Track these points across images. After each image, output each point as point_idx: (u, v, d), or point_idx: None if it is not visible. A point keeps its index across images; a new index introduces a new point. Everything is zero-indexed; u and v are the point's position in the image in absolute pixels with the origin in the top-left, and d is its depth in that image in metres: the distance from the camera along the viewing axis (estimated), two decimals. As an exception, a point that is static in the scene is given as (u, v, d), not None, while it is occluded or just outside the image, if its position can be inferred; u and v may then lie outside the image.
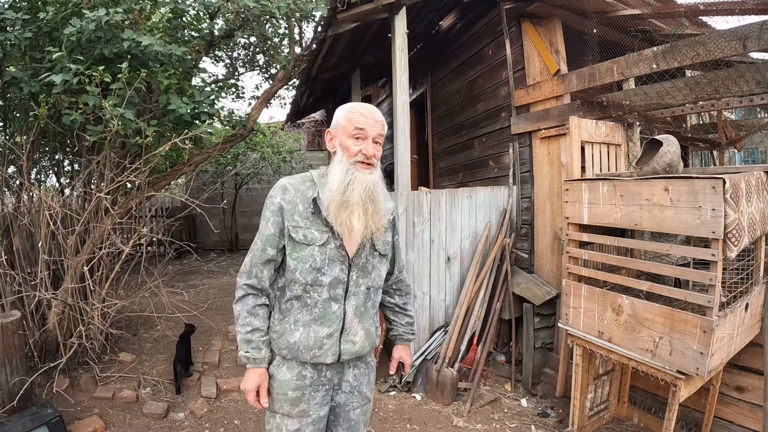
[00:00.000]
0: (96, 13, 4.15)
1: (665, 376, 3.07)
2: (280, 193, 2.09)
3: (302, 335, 2.09)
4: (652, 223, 3.12)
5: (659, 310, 3.09)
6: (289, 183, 2.11)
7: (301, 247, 2.05)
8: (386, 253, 2.28)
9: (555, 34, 5.22)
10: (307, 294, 2.09)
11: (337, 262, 2.08)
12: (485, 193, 5.49)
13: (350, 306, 2.13)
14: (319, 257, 2.05)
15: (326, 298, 2.09)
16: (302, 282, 2.06)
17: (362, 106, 2.09)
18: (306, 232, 2.05)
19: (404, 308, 2.57)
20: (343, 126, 2.06)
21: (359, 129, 2.02)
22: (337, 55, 6.65)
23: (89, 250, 4.86)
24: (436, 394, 4.78)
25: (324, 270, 2.06)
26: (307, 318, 2.09)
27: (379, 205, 2.06)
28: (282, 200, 2.07)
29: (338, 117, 2.11)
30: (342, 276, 2.10)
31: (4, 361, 3.99)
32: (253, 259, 2.11)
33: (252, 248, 2.14)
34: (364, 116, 2.04)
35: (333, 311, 2.10)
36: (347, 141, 2.04)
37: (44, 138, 5.35)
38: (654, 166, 3.29)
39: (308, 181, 2.14)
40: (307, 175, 2.20)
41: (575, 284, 3.68)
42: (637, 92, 4.35)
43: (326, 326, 2.09)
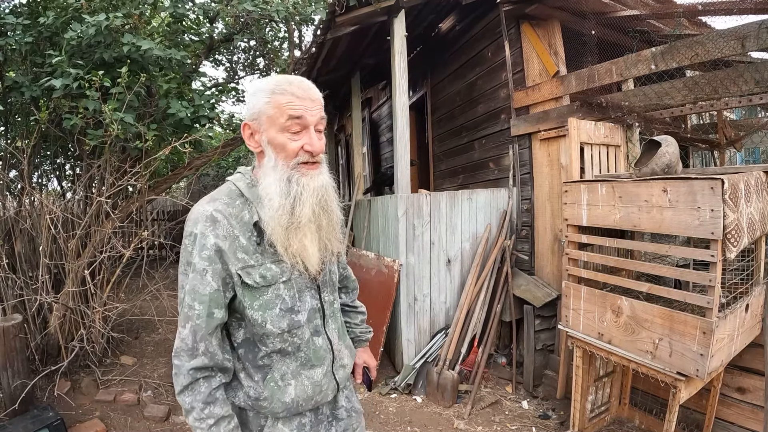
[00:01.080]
0: (96, 18, 4.18)
1: (665, 378, 3.05)
2: (210, 229, 1.50)
3: (297, 389, 1.68)
4: (651, 224, 3.10)
5: (659, 312, 3.07)
6: (215, 210, 1.53)
7: (261, 291, 1.57)
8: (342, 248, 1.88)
9: (554, 36, 5.22)
10: (286, 343, 1.64)
11: (306, 290, 1.68)
12: (485, 195, 5.49)
13: (332, 332, 1.79)
14: (287, 295, 1.62)
15: (308, 337, 1.69)
16: (277, 333, 1.61)
17: (292, 83, 1.53)
18: (262, 271, 1.56)
19: (354, 306, 2.22)
20: (271, 115, 1.52)
21: (296, 118, 1.51)
22: (337, 57, 6.66)
23: (90, 254, 4.89)
24: (436, 396, 4.77)
25: (297, 307, 1.65)
26: (295, 366, 1.67)
27: (333, 216, 1.66)
28: (216, 239, 1.50)
29: (259, 102, 1.54)
30: (315, 303, 1.72)
31: (5, 364, 4.02)
32: (195, 330, 1.51)
33: (187, 315, 1.52)
34: (298, 97, 1.51)
35: (319, 346, 1.73)
36: (280, 137, 1.53)
37: (45, 142, 5.39)
38: (653, 167, 3.29)
39: (238, 199, 1.60)
40: (231, 189, 1.63)
41: (575, 286, 3.67)
42: (636, 93, 4.34)
43: (318, 366, 1.72)
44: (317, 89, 1.61)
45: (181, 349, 1.52)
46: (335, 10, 4.93)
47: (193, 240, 1.50)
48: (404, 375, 4.98)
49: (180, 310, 1.55)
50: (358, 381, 2.26)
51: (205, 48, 6.07)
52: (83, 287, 4.83)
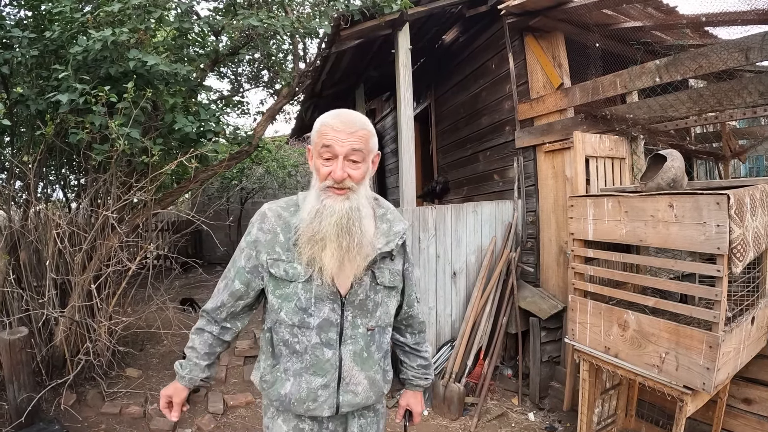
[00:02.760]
0: (102, 33, 4.19)
1: (672, 392, 3.05)
2: (258, 222, 1.85)
3: (293, 386, 1.81)
4: (657, 239, 3.11)
5: (665, 326, 3.07)
6: (269, 209, 1.86)
7: (284, 283, 1.78)
8: (394, 285, 1.92)
9: (558, 48, 5.24)
10: (295, 338, 1.80)
11: (326, 301, 1.77)
12: (490, 208, 5.50)
13: (347, 352, 1.82)
14: (304, 296, 1.76)
15: (316, 343, 1.78)
16: (288, 323, 1.79)
17: (336, 116, 1.73)
18: (287, 267, 1.77)
19: (416, 348, 2.19)
20: (315, 143, 1.74)
21: (326, 147, 1.68)
22: (341, 70, 6.69)
23: (96, 267, 4.89)
24: (443, 409, 4.77)
25: (311, 310, 1.77)
26: (298, 366, 1.81)
27: (356, 239, 1.71)
28: (259, 231, 1.83)
29: (313, 131, 1.79)
30: (334, 317, 1.79)
31: (11, 377, 4.04)
32: (224, 287, 1.90)
33: (225, 275, 1.93)
34: (334, 129, 1.68)
35: (326, 359, 1.79)
36: (317, 162, 1.72)
37: (51, 155, 5.39)
38: (658, 182, 3.30)
39: (293, 206, 1.86)
40: (293, 198, 1.91)
41: (581, 300, 3.67)
42: (640, 105, 4.34)
43: (319, 376, 1.80)
44: (365, 124, 1.76)
45: (213, 293, 1.95)
46: (340, 24, 4.94)
47: (248, 228, 1.88)
48: (410, 388, 4.96)
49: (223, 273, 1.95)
50: (398, 420, 2.29)
51: (210, 61, 6.10)
52: (89, 301, 4.84)
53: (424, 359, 2.22)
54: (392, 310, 1.98)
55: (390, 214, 1.95)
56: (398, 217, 1.96)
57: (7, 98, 4.55)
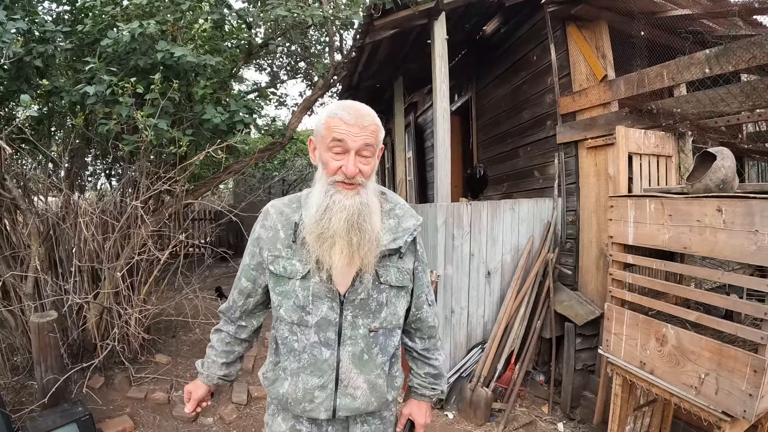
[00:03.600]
0: (130, 26, 4.19)
1: (709, 417, 2.80)
2: (261, 219, 1.85)
3: (290, 386, 1.78)
4: (702, 246, 2.85)
5: (706, 344, 2.81)
6: (272, 206, 1.84)
7: (283, 280, 1.76)
8: (403, 284, 1.83)
9: (601, 38, 4.95)
10: (294, 336, 1.77)
11: (325, 299, 1.72)
12: (529, 206, 5.27)
13: (346, 353, 1.75)
14: (302, 293, 1.72)
15: (315, 342, 1.74)
16: (288, 321, 1.76)
17: (346, 108, 1.64)
18: (286, 264, 1.74)
19: (425, 355, 2.06)
20: (323, 135, 1.65)
21: (338, 141, 1.61)
22: (378, 62, 6.55)
23: (127, 256, 4.93)
24: (468, 413, 4.61)
25: (308, 308, 1.72)
26: (295, 366, 1.77)
27: (367, 235, 1.64)
28: (261, 228, 1.83)
29: (318, 122, 1.69)
30: (332, 316, 1.73)
31: (39, 359, 4.11)
32: (234, 285, 1.96)
33: (237, 274, 1.97)
34: (345, 122, 1.60)
35: (324, 359, 1.74)
36: (325, 155, 1.65)
37: (88, 146, 5.46)
38: (706, 183, 3.02)
39: (296, 202, 1.81)
40: (298, 194, 1.87)
41: (618, 309, 3.44)
42: (689, 99, 4.07)
43: (316, 376, 1.75)
44: (374, 118, 1.69)
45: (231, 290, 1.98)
46: (372, 14, 4.81)
47: (253, 225, 1.88)
48: (438, 390, 4.81)
49: None
50: (398, 430, 2.10)
51: (245, 53, 6.03)
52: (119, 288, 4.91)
53: (434, 367, 2.08)
54: (401, 312, 1.88)
55: (399, 209, 1.86)
56: (409, 212, 1.87)
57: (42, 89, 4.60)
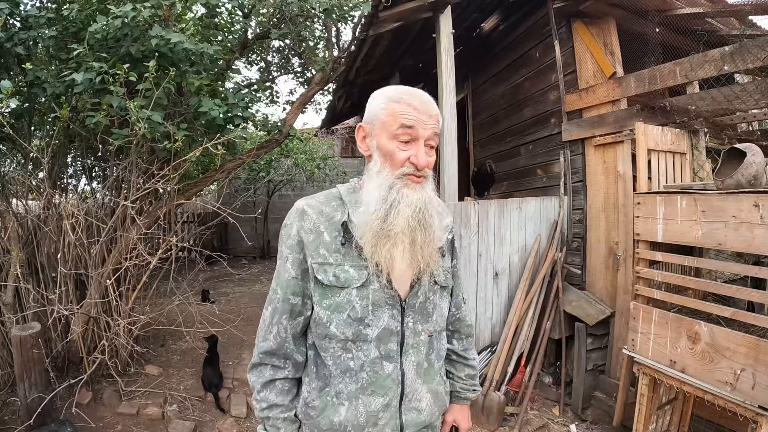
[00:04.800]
0: (122, 9, 3.95)
1: (745, 412, 2.76)
2: (297, 220, 1.55)
3: (349, 412, 1.53)
4: (739, 242, 2.79)
5: (742, 340, 2.78)
6: (307, 205, 1.57)
7: (333, 291, 1.50)
8: (447, 284, 1.70)
9: (609, 35, 4.89)
10: (349, 354, 1.52)
11: (385, 306, 1.52)
12: (535, 204, 5.19)
13: (409, 364, 1.58)
14: (359, 303, 1.50)
15: (375, 357, 1.52)
16: (340, 338, 1.51)
17: (412, 93, 1.49)
18: (337, 271, 1.50)
19: (464, 356, 1.93)
20: (384, 121, 1.48)
21: (407, 128, 1.45)
22: (377, 57, 6.44)
23: (115, 261, 4.68)
24: (481, 418, 4.48)
25: (368, 320, 1.51)
26: (353, 388, 1.52)
27: (430, 233, 1.51)
28: (300, 229, 1.54)
29: (376, 107, 1.52)
30: (394, 325, 1.54)
31: (22, 375, 3.84)
32: (273, 313, 1.57)
33: (270, 298, 1.59)
34: (415, 109, 1.45)
35: (387, 374, 1.54)
36: (390, 144, 1.47)
37: (71, 143, 5.21)
38: (738, 179, 2.95)
39: (335, 200, 1.59)
40: (333, 192, 1.64)
41: (645, 308, 3.36)
42: (703, 96, 4.01)
43: (379, 395, 1.53)
44: (436, 106, 1.54)
45: (260, 329, 1.61)
46: (379, 4, 4.70)
47: (285, 231, 1.58)
48: (447, 395, 4.70)
49: None
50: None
51: (239, 45, 5.85)
52: (107, 297, 4.65)
53: (472, 368, 1.97)
54: (446, 312, 1.75)
55: (439, 204, 1.67)
56: (445, 209, 1.76)
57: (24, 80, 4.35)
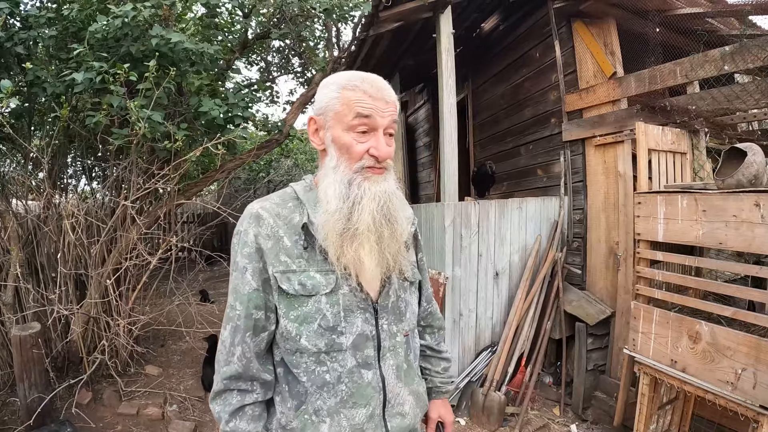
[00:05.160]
0: (123, 8, 3.95)
1: (746, 412, 2.76)
2: (253, 226, 1.40)
3: (332, 429, 1.40)
4: (739, 242, 2.79)
5: (743, 339, 2.78)
6: (262, 208, 1.42)
7: (300, 300, 1.37)
8: (416, 279, 1.63)
9: (610, 35, 4.89)
10: (323, 367, 1.39)
11: (357, 311, 1.41)
12: (536, 204, 5.19)
13: (389, 368, 1.48)
14: (330, 311, 1.37)
15: (353, 366, 1.41)
16: (312, 351, 1.37)
17: (366, 79, 1.39)
18: (303, 278, 1.37)
19: (438, 350, 1.87)
20: (338, 111, 1.37)
21: (364, 117, 1.35)
22: (377, 57, 6.43)
23: (115, 261, 4.68)
24: (481, 419, 4.48)
25: (340, 328, 1.38)
26: (333, 402, 1.40)
27: (398, 227, 1.42)
28: (258, 235, 1.38)
29: (328, 96, 1.40)
30: (368, 329, 1.43)
31: (22, 375, 3.84)
32: (235, 331, 1.39)
33: (228, 316, 1.41)
34: (371, 96, 1.35)
35: (367, 382, 1.43)
36: (346, 136, 1.37)
37: (71, 142, 5.21)
38: (738, 178, 2.95)
39: (291, 201, 1.47)
40: (287, 191, 1.51)
41: (645, 307, 3.36)
42: (703, 96, 4.01)
43: (362, 406, 1.42)
44: (393, 91, 1.44)
45: (220, 351, 1.43)
46: (380, 4, 4.70)
47: (238, 238, 1.42)
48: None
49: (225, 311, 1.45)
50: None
51: (240, 45, 5.85)
52: (106, 298, 4.65)
53: (447, 360, 1.89)
54: (417, 309, 1.67)
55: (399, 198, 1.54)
56: (403, 199, 1.57)
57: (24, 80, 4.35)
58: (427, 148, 9.80)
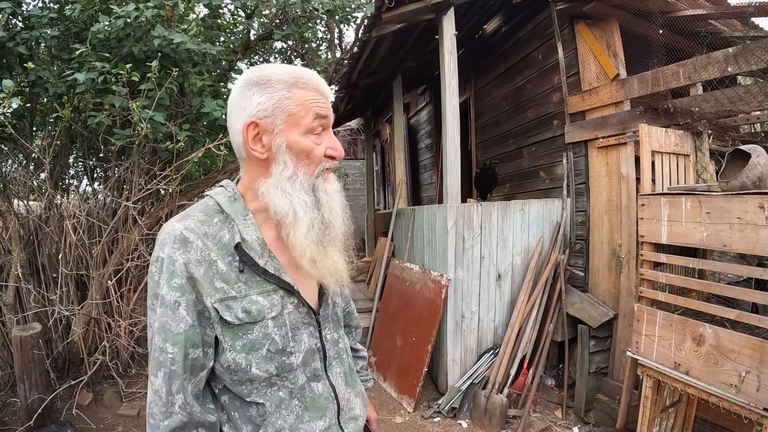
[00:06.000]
0: (125, 9, 3.94)
1: (750, 414, 2.75)
2: (180, 252, 1.17)
3: None
4: (743, 244, 2.78)
5: (747, 342, 2.77)
6: (187, 229, 1.20)
7: (245, 329, 1.22)
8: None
9: (612, 36, 4.88)
10: (274, 387, 1.29)
11: (302, 327, 1.32)
12: (538, 206, 5.18)
13: (336, 376, 1.42)
14: (278, 333, 1.26)
15: (303, 382, 1.33)
16: (263, 377, 1.26)
17: (310, 76, 1.27)
18: (246, 305, 1.21)
19: (357, 349, 1.80)
20: (293, 113, 1.23)
21: (322, 118, 1.25)
22: (379, 59, 6.44)
23: (116, 262, 4.67)
24: (483, 421, 4.46)
25: (289, 348, 1.28)
26: (292, 419, 1.30)
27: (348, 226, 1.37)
28: (187, 263, 1.17)
29: (275, 96, 1.23)
30: (314, 343, 1.35)
31: (23, 376, 3.84)
32: (171, 378, 1.17)
33: (159, 361, 1.18)
34: (321, 93, 1.26)
35: (318, 393, 1.35)
36: (305, 141, 1.25)
37: (73, 142, 5.21)
38: (743, 180, 2.94)
39: (215, 215, 1.27)
40: (209, 204, 1.30)
41: (649, 310, 3.34)
42: (706, 98, 4.00)
43: (318, 418, 1.34)
44: None
45: (155, 403, 1.19)
46: (382, 5, 4.71)
47: (160, 266, 1.18)
48: (449, 398, 4.67)
49: (150, 354, 1.22)
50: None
51: (242, 45, 5.85)
52: (107, 299, 4.64)
53: (364, 358, 1.82)
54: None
55: None
56: None
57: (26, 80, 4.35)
58: (429, 149, 9.81)
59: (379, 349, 5.55)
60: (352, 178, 14.26)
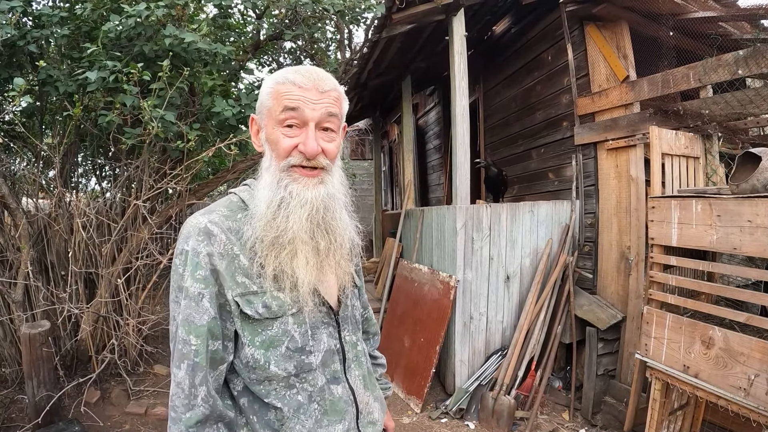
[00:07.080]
0: (136, 8, 3.95)
1: (758, 418, 2.73)
2: (204, 244, 1.19)
3: None
4: (755, 247, 2.77)
5: (757, 345, 2.75)
6: (211, 222, 1.22)
7: (265, 324, 1.24)
8: (361, 284, 1.60)
9: (622, 38, 4.87)
10: (293, 390, 1.29)
11: (322, 326, 1.33)
12: (547, 208, 5.17)
13: (355, 379, 1.42)
14: (298, 331, 1.27)
15: (323, 384, 1.32)
16: (282, 376, 1.26)
17: (297, 71, 1.26)
18: (267, 300, 1.23)
19: (375, 356, 1.79)
20: (269, 108, 1.26)
21: (290, 110, 1.22)
22: (388, 59, 6.45)
23: (125, 260, 4.69)
24: (491, 423, 4.46)
25: (309, 347, 1.29)
26: (311, 423, 1.29)
27: (338, 236, 1.31)
28: (211, 255, 1.20)
29: (263, 93, 1.29)
30: (333, 343, 1.36)
31: (31, 373, 3.85)
32: (194, 370, 1.18)
33: (182, 353, 1.19)
34: (299, 86, 1.23)
35: (338, 396, 1.35)
36: (275, 132, 1.24)
37: (82, 141, 5.23)
38: (753, 183, 2.93)
39: (239, 211, 1.30)
40: (233, 200, 1.34)
41: (658, 312, 3.33)
42: (716, 100, 3.99)
43: (338, 422, 1.34)
44: (333, 80, 1.31)
45: (177, 396, 1.19)
46: (393, 6, 4.72)
47: (185, 259, 1.20)
48: (457, 399, 4.67)
49: (172, 346, 1.22)
50: None
51: (252, 45, 5.86)
52: (116, 297, 4.66)
53: (383, 366, 1.82)
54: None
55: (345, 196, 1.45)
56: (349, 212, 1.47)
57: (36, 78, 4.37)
58: (438, 150, 9.80)
59: (387, 350, 5.55)
60: (360, 179, 14.26)
